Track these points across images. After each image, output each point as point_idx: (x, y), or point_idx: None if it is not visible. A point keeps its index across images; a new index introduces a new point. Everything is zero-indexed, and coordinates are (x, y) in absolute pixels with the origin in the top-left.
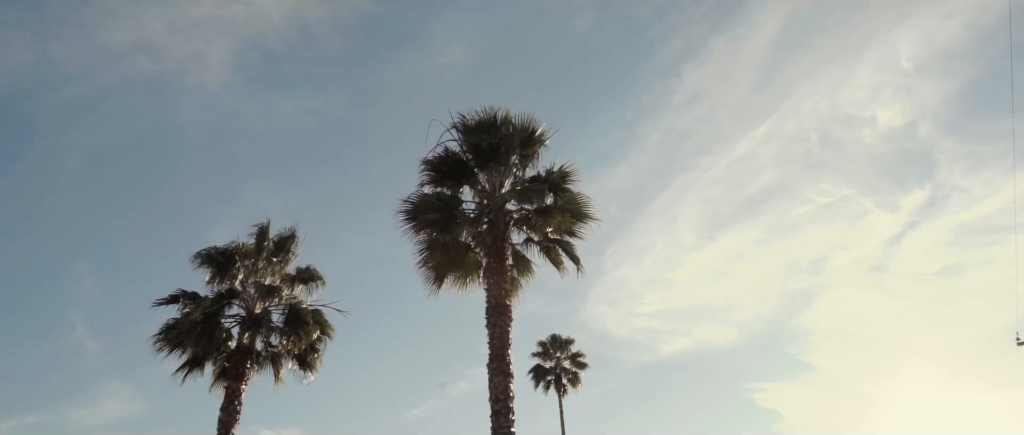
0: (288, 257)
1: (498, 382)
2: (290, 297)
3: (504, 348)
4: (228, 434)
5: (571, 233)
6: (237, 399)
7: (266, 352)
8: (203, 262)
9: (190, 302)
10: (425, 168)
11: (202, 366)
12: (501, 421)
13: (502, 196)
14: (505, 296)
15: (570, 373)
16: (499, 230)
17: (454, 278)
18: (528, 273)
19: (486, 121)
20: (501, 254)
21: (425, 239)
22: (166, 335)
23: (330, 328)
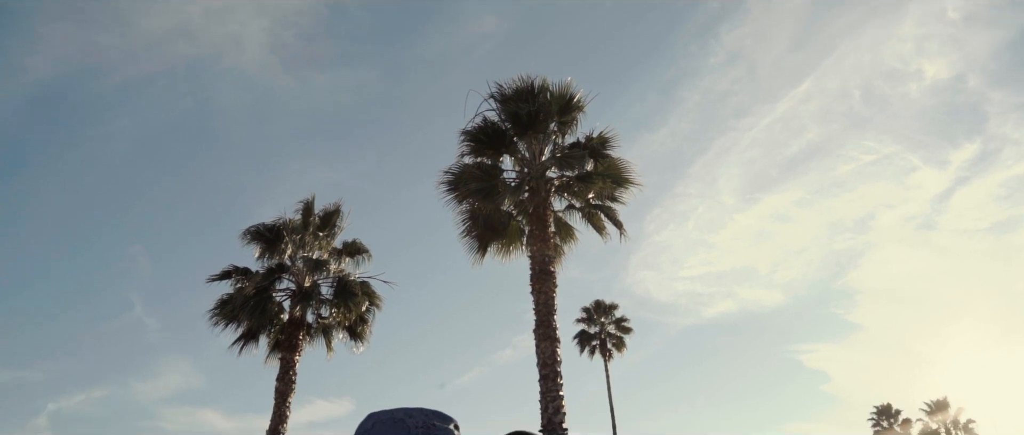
0: (334, 231)
1: (545, 347)
2: (338, 270)
3: (550, 313)
4: (284, 403)
5: (613, 198)
6: (292, 369)
7: (317, 324)
8: (252, 238)
9: (242, 277)
10: (465, 139)
11: (256, 339)
12: (549, 385)
13: (542, 164)
14: (549, 262)
15: (615, 338)
16: (540, 197)
17: (497, 246)
18: (571, 239)
19: (523, 90)
20: (543, 221)
21: (467, 209)
22: (221, 310)
23: (378, 299)
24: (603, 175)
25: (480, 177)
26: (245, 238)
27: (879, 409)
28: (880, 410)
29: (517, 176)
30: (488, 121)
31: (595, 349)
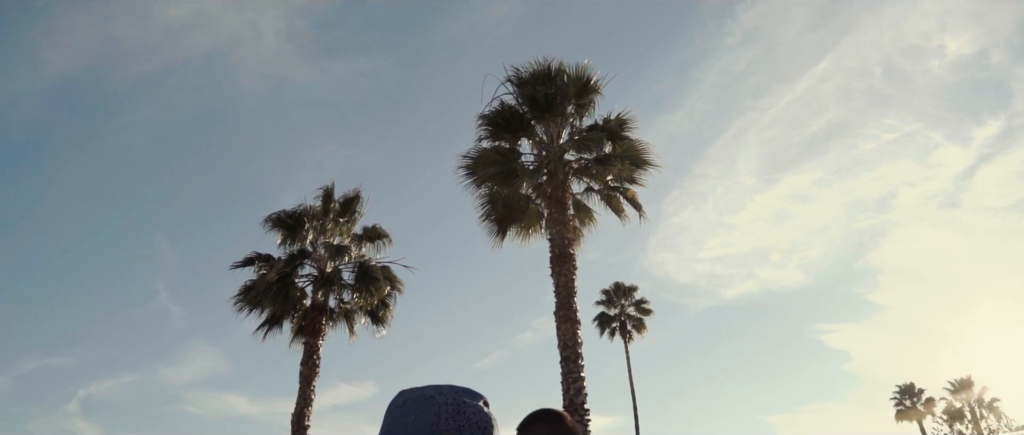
0: (354, 217)
1: (566, 329)
2: (359, 255)
3: (570, 295)
4: (309, 387)
5: (631, 180)
6: (315, 354)
7: (339, 309)
8: (274, 225)
9: (264, 264)
10: (482, 123)
11: (280, 324)
12: (570, 366)
13: (560, 146)
14: (568, 245)
15: (635, 320)
16: (559, 180)
17: (516, 230)
18: (590, 222)
19: (540, 73)
20: (562, 204)
21: (486, 193)
22: (245, 296)
23: (399, 283)
24: (621, 157)
25: (498, 161)
26: (267, 225)
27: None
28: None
29: (535, 159)
30: (505, 105)
31: (615, 331)
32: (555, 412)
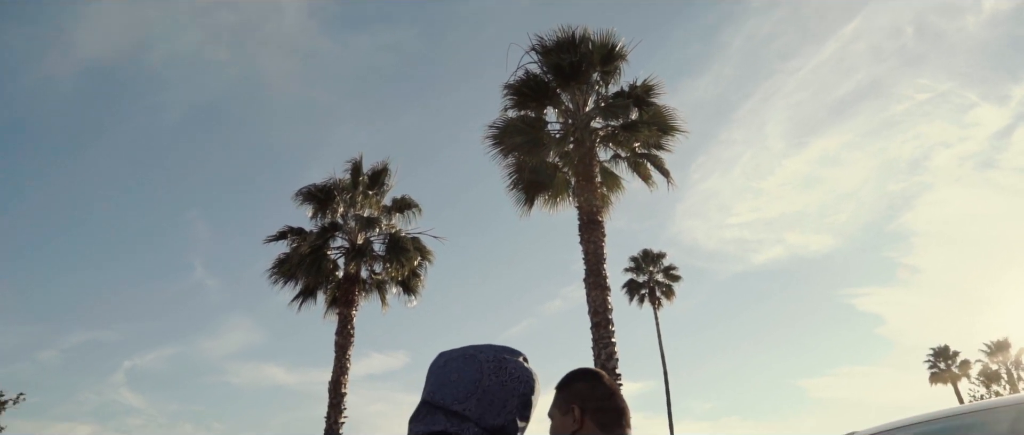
0: (383, 189)
1: (596, 296)
2: (389, 226)
3: (599, 262)
4: (344, 356)
5: (658, 146)
6: (349, 324)
7: (371, 279)
8: (305, 199)
9: (297, 237)
10: (507, 92)
11: (314, 295)
12: (601, 332)
13: (587, 114)
14: (596, 212)
15: (663, 286)
16: (586, 148)
17: (544, 198)
18: (617, 189)
19: (564, 41)
20: (589, 172)
21: (513, 162)
22: (279, 268)
23: (429, 254)
24: (648, 123)
25: (524, 130)
26: (298, 199)
27: (936, 351)
28: (937, 352)
29: (561, 128)
30: (530, 74)
31: (644, 298)
32: (594, 370)
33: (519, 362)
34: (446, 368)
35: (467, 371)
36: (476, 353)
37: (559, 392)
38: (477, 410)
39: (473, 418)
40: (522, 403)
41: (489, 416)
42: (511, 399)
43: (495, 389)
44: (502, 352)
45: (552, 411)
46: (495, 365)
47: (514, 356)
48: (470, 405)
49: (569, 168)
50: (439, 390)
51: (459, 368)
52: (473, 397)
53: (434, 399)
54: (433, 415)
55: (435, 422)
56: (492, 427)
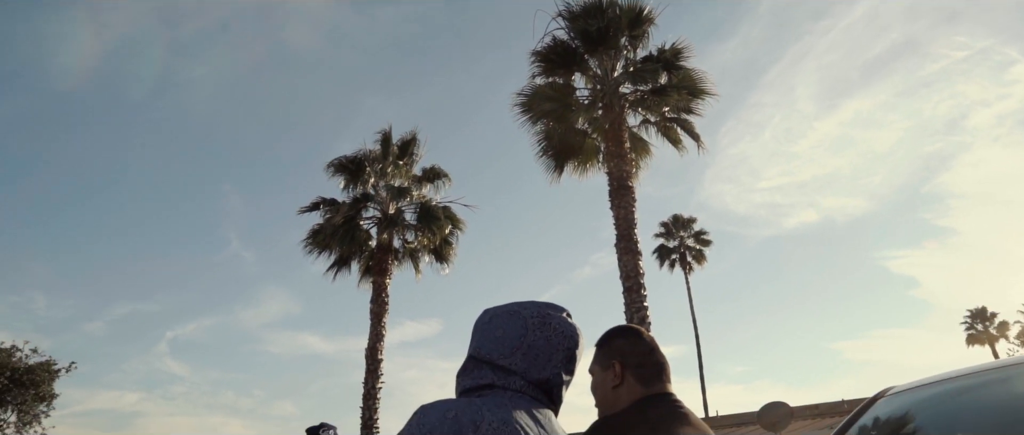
0: (413, 159)
1: (627, 261)
2: (420, 196)
3: (630, 227)
4: (380, 323)
5: (688, 110)
6: (384, 292)
7: (404, 248)
8: (337, 171)
9: (330, 208)
10: (535, 59)
11: (348, 265)
12: (633, 297)
13: (615, 79)
14: (627, 177)
15: (694, 251)
16: (615, 113)
17: (574, 165)
18: (646, 154)
19: (592, 5)
20: (619, 137)
21: (542, 129)
22: (313, 239)
23: (460, 222)
24: (678, 87)
25: (553, 97)
26: (329, 171)
27: (973, 312)
28: (974, 313)
29: (590, 94)
30: (557, 40)
31: (675, 263)
32: (634, 327)
33: (563, 317)
34: (492, 324)
35: (512, 327)
36: (520, 309)
37: (599, 349)
38: (523, 364)
39: (519, 371)
40: (567, 357)
41: (534, 370)
42: (556, 353)
43: (540, 344)
44: (546, 308)
45: (593, 367)
46: (540, 321)
47: (558, 312)
48: (516, 359)
49: (598, 134)
50: (485, 345)
51: (504, 324)
52: (519, 351)
53: (481, 354)
54: (480, 369)
55: (482, 376)
56: (538, 380)
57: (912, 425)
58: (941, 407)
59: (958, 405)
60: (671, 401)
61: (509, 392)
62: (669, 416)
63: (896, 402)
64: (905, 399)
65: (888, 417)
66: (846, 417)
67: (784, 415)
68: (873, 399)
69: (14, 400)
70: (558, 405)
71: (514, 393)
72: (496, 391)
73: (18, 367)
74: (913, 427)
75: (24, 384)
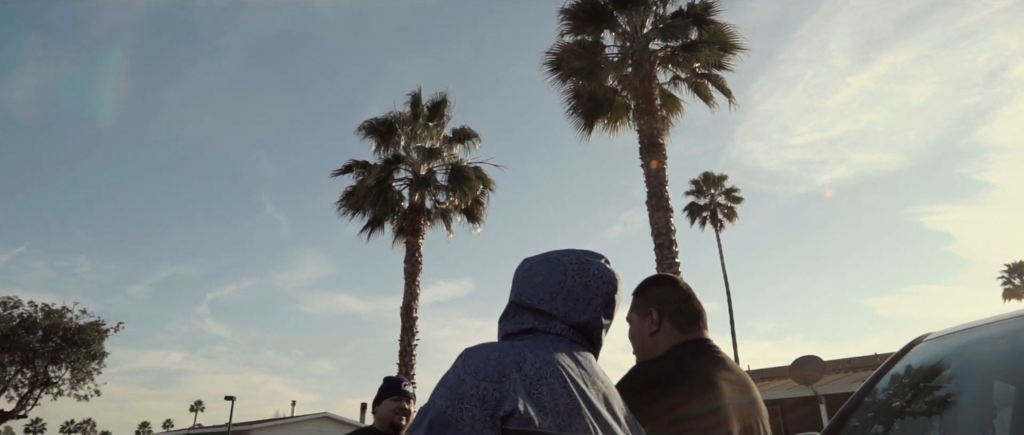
0: (443, 120)
1: (658, 217)
2: (451, 157)
3: (661, 185)
4: (414, 282)
5: (719, 66)
6: (417, 252)
7: (436, 209)
8: (367, 133)
9: (362, 170)
10: (563, 17)
11: (381, 226)
12: (664, 254)
13: (645, 36)
14: (657, 135)
15: (725, 208)
16: (645, 70)
17: (603, 123)
18: (677, 111)
19: None
20: (649, 94)
21: (571, 88)
22: (347, 201)
23: (491, 182)
24: (709, 42)
25: (582, 55)
26: (360, 133)
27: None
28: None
29: (619, 51)
30: None
31: (705, 220)
32: (670, 276)
33: (601, 263)
34: (531, 271)
35: (552, 273)
36: (559, 256)
37: (636, 297)
38: (563, 308)
39: (559, 316)
40: (605, 301)
41: (574, 314)
42: (595, 298)
43: (579, 289)
44: (584, 255)
45: (630, 316)
46: (578, 267)
47: (596, 258)
48: (556, 304)
49: (628, 92)
50: (526, 291)
51: (544, 271)
52: (558, 297)
53: (521, 299)
54: (521, 314)
55: (523, 321)
56: (577, 324)
57: (948, 372)
58: (978, 353)
59: (996, 351)
60: (708, 346)
61: (550, 335)
62: (706, 360)
63: (931, 349)
64: (941, 346)
65: (922, 364)
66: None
67: (817, 368)
68: (908, 346)
69: (67, 358)
70: (598, 348)
71: (555, 337)
72: (537, 335)
73: (69, 327)
74: (949, 374)
75: (76, 343)
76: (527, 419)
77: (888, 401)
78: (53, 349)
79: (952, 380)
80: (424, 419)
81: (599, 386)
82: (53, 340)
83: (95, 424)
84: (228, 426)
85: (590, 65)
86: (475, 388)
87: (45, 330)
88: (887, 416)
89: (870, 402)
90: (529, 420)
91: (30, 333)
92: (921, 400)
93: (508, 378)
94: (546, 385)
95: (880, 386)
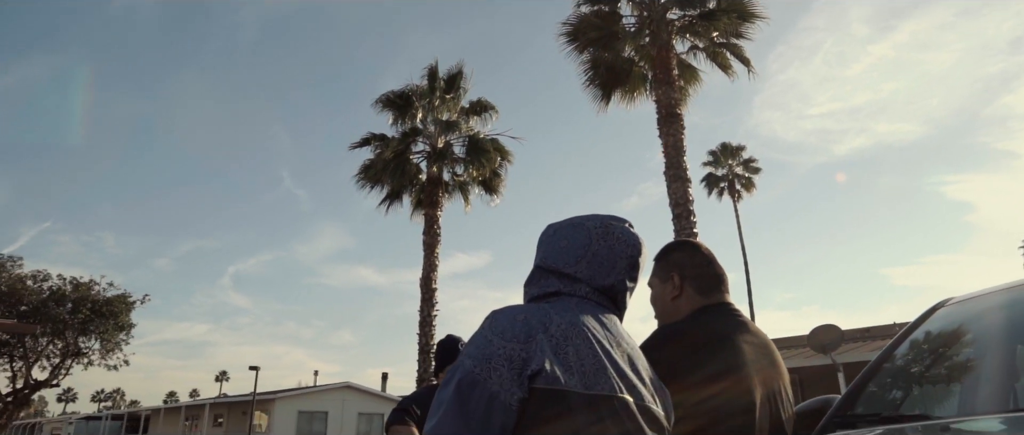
0: (459, 93)
1: (677, 188)
2: (468, 129)
3: (679, 155)
4: (433, 254)
5: (738, 34)
6: (435, 224)
7: (453, 181)
8: (385, 106)
9: (380, 143)
10: None
11: (400, 198)
12: (683, 224)
13: (662, 5)
14: (675, 105)
15: (743, 179)
16: (662, 40)
17: (621, 94)
18: (695, 81)
19: None
20: (667, 64)
21: (588, 58)
22: (365, 174)
23: (508, 154)
24: (727, 11)
25: (598, 26)
26: (377, 106)
27: None
28: None
29: (636, 21)
30: None
31: (723, 191)
32: (691, 241)
33: (625, 227)
34: (556, 236)
35: (576, 237)
36: (583, 221)
37: (657, 262)
38: (587, 271)
39: (584, 279)
40: (629, 264)
41: (599, 277)
42: (619, 261)
43: (603, 252)
44: (608, 219)
45: (651, 280)
46: (602, 230)
47: (620, 222)
48: (581, 267)
49: (645, 62)
50: (551, 255)
51: (568, 235)
52: (583, 260)
53: (546, 263)
54: (546, 278)
55: (549, 284)
56: (602, 287)
57: (969, 336)
58: (1002, 318)
59: (1020, 315)
60: (729, 309)
61: (575, 298)
62: (728, 323)
63: (953, 314)
64: (963, 310)
65: (944, 329)
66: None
67: (835, 338)
68: (929, 311)
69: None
70: (623, 310)
71: (580, 299)
72: (563, 298)
73: (98, 299)
74: (971, 338)
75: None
76: (553, 378)
77: (908, 366)
78: (82, 321)
79: (974, 345)
80: (453, 378)
81: (624, 347)
82: (82, 312)
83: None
84: (253, 395)
85: (607, 35)
86: (502, 348)
87: (74, 302)
88: (907, 381)
89: (889, 367)
90: (556, 379)
91: (60, 305)
92: (942, 365)
93: (535, 338)
94: (572, 345)
95: (900, 352)
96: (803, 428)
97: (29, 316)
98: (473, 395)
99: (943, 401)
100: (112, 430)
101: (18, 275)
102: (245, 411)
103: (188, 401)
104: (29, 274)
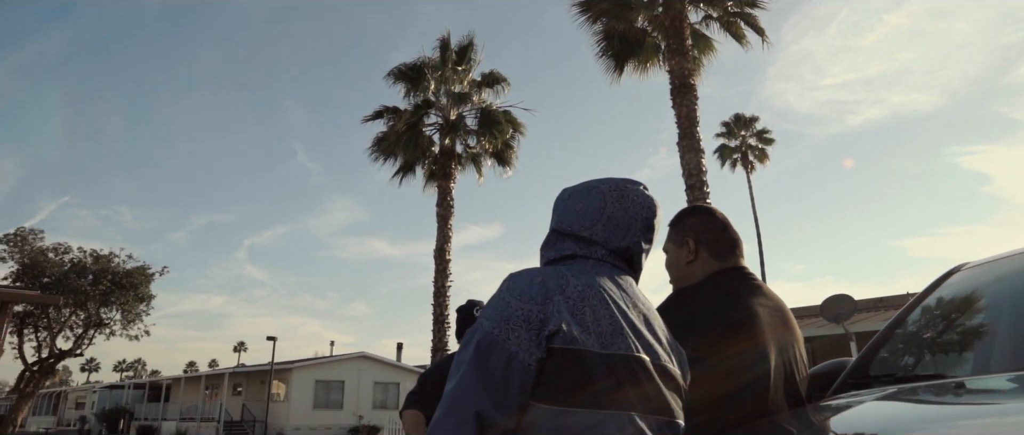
0: (471, 64)
1: (690, 158)
2: (480, 101)
3: (693, 125)
4: (446, 226)
5: (752, 3)
6: (449, 196)
7: (466, 153)
8: (397, 79)
9: (392, 116)
10: None
11: (413, 170)
12: (696, 194)
13: None
14: (688, 75)
15: (756, 150)
16: (676, 10)
17: (634, 65)
18: (709, 51)
19: None
20: (680, 34)
21: (601, 29)
22: (378, 146)
23: (521, 126)
24: None
25: None
26: (389, 79)
27: None
28: None
29: None
30: None
31: (736, 162)
32: (706, 205)
33: (640, 190)
34: (572, 199)
35: (591, 200)
36: (598, 184)
37: (672, 228)
38: (603, 234)
39: (600, 241)
40: (645, 227)
41: (615, 239)
42: (634, 223)
43: (619, 215)
44: (623, 182)
45: (667, 245)
46: (617, 193)
47: (635, 185)
48: (597, 230)
49: (659, 32)
50: (566, 219)
51: (584, 198)
52: (599, 223)
53: (562, 227)
54: (562, 241)
55: (565, 247)
56: (618, 249)
57: (985, 301)
58: (1019, 282)
59: None
60: (744, 273)
61: (591, 260)
62: (743, 287)
63: (969, 278)
64: (979, 275)
65: (958, 293)
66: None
67: (848, 308)
68: (944, 276)
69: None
70: (639, 272)
71: (596, 262)
72: (579, 260)
73: (118, 271)
74: (986, 303)
75: (124, 286)
76: (571, 338)
77: (922, 330)
78: (103, 292)
79: (989, 309)
80: (472, 340)
81: (640, 308)
82: (103, 283)
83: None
84: (271, 365)
85: (620, 5)
86: (520, 310)
87: (95, 274)
88: (921, 344)
89: (903, 331)
90: (573, 339)
91: (81, 277)
92: (956, 330)
93: (552, 300)
94: (589, 306)
95: (914, 316)
96: (817, 389)
97: (52, 288)
98: (492, 355)
99: (957, 363)
100: (135, 398)
101: (40, 248)
102: (263, 380)
103: (208, 371)
104: (50, 246)
